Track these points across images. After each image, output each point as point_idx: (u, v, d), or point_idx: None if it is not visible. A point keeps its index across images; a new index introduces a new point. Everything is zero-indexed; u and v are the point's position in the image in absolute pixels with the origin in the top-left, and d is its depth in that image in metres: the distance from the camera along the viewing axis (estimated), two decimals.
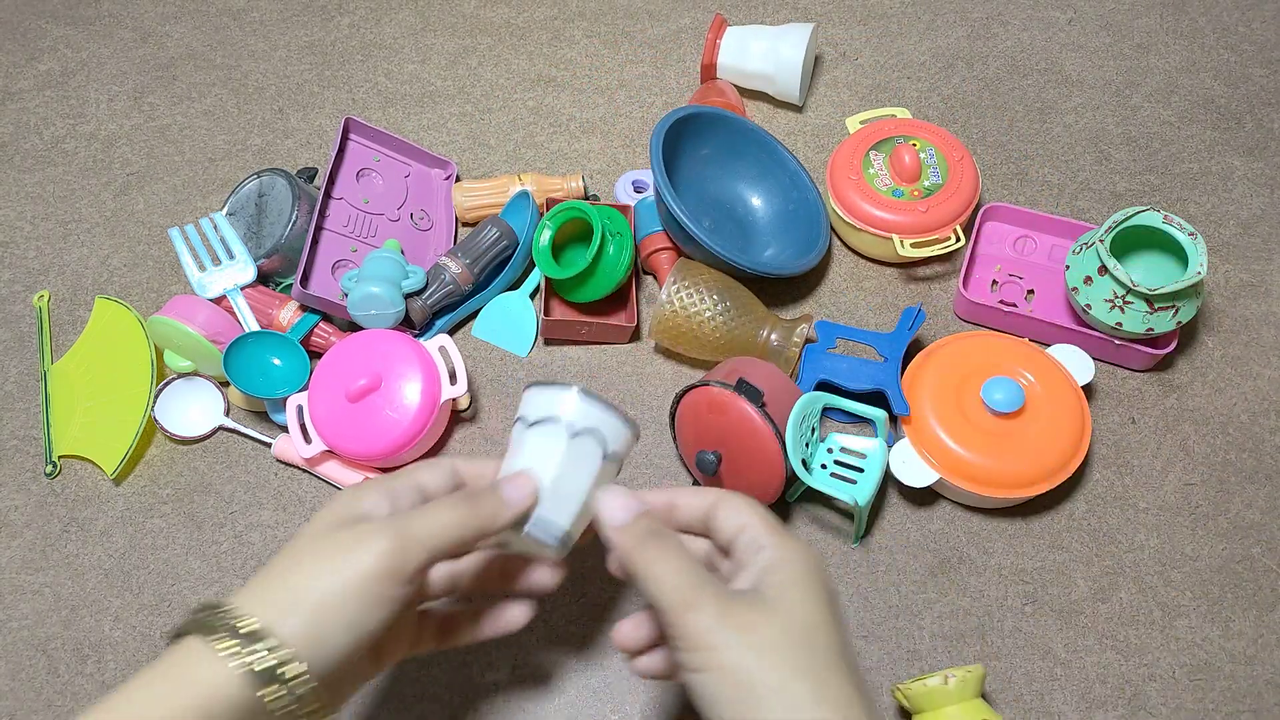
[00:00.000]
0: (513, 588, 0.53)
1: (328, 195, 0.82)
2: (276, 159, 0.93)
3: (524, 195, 0.84)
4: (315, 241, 0.79)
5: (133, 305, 0.84)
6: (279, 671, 0.40)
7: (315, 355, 0.78)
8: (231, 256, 0.78)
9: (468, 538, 0.45)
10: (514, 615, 0.53)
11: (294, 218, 0.79)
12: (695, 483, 0.73)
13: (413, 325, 0.79)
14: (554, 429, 0.47)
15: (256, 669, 0.40)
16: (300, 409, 0.73)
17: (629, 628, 0.48)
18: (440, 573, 0.51)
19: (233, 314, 0.77)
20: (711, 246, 0.74)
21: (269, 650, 0.40)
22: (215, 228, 0.78)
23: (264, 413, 0.78)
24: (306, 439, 0.72)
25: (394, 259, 0.77)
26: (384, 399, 0.71)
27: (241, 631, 0.40)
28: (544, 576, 0.52)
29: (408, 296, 0.77)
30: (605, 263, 0.76)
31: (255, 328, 0.76)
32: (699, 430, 0.68)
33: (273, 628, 0.40)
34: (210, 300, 0.76)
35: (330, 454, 0.74)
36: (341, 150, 0.84)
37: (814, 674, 0.39)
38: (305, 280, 0.77)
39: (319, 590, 0.41)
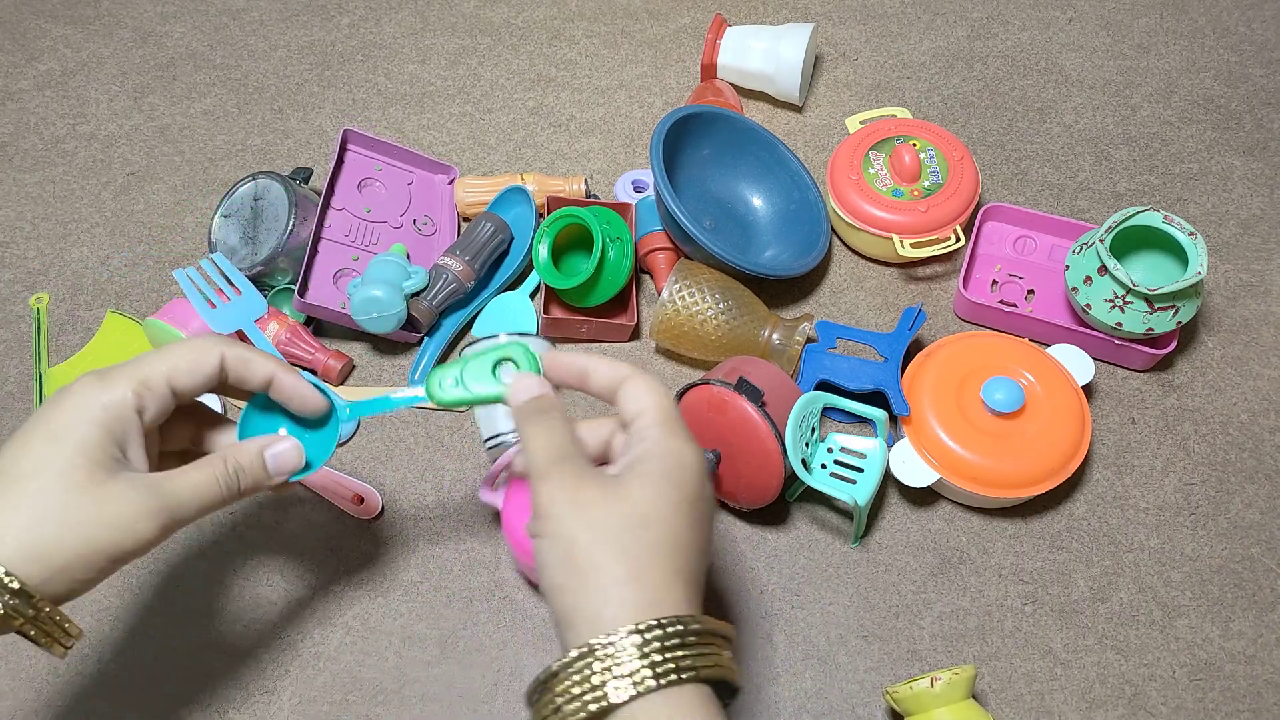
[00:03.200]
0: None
1: (327, 206, 0.81)
2: (276, 159, 0.93)
3: (515, 189, 0.84)
4: (315, 251, 0.79)
5: (133, 305, 0.84)
6: (26, 603, 0.42)
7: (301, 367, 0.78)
8: (239, 293, 0.76)
9: (226, 504, 0.49)
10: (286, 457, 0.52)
11: (290, 224, 0.79)
12: None
13: (419, 328, 0.78)
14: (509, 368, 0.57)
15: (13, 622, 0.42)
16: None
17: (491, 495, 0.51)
18: None
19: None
20: (711, 247, 0.74)
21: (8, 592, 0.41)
22: (215, 266, 0.77)
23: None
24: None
25: (396, 262, 0.77)
26: None
27: (27, 596, 0.42)
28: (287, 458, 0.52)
29: (412, 298, 0.77)
30: (607, 269, 0.76)
31: (278, 358, 0.75)
32: (699, 429, 0.68)
33: (14, 565, 0.42)
34: (228, 335, 0.75)
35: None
36: (340, 161, 0.83)
37: (634, 559, 0.42)
38: (304, 290, 0.77)
39: (67, 552, 0.43)
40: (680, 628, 0.40)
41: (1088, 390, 0.77)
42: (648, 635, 0.39)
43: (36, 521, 0.42)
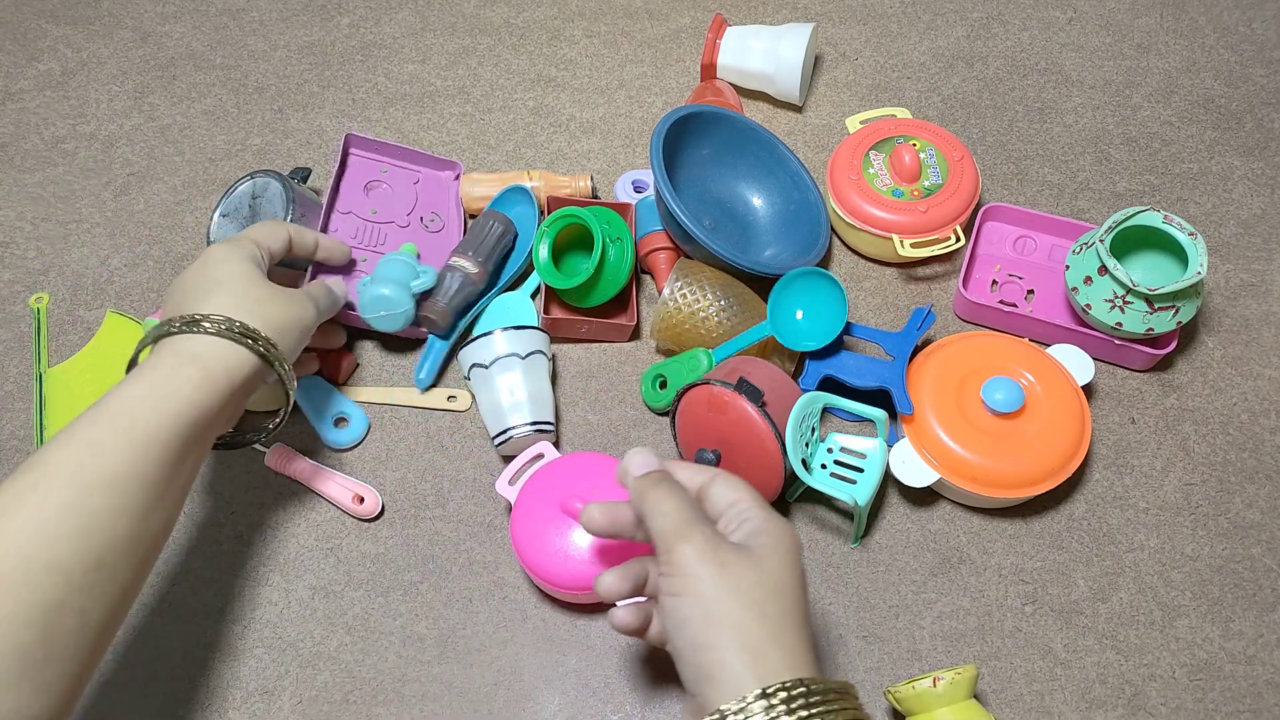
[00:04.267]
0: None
1: (331, 209, 0.81)
2: (276, 159, 0.93)
3: (517, 188, 0.84)
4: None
5: (133, 305, 0.84)
6: (272, 351, 0.61)
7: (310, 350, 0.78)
8: None
9: (332, 308, 0.73)
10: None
11: (288, 220, 0.79)
12: None
13: (437, 328, 0.78)
14: (509, 362, 0.73)
15: (261, 351, 0.61)
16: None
17: (613, 578, 0.52)
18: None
19: None
20: (712, 246, 0.74)
21: (265, 344, 0.61)
22: None
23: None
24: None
25: (405, 261, 0.77)
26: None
27: (250, 330, 0.60)
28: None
29: (423, 298, 0.77)
30: (607, 270, 0.76)
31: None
32: (699, 429, 0.68)
33: (255, 329, 0.61)
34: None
35: (321, 469, 0.74)
36: (344, 166, 0.83)
37: (775, 621, 0.45)
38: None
39: (279, 320, 0.63)
40: (821, 687, 0.43)
41: (1088, 390, 0.77)
42: (792, 694, 0.42)
43: (247, 302, 0.61)
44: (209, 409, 0.57)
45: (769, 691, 0.42)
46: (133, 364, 0.62)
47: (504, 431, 0.71)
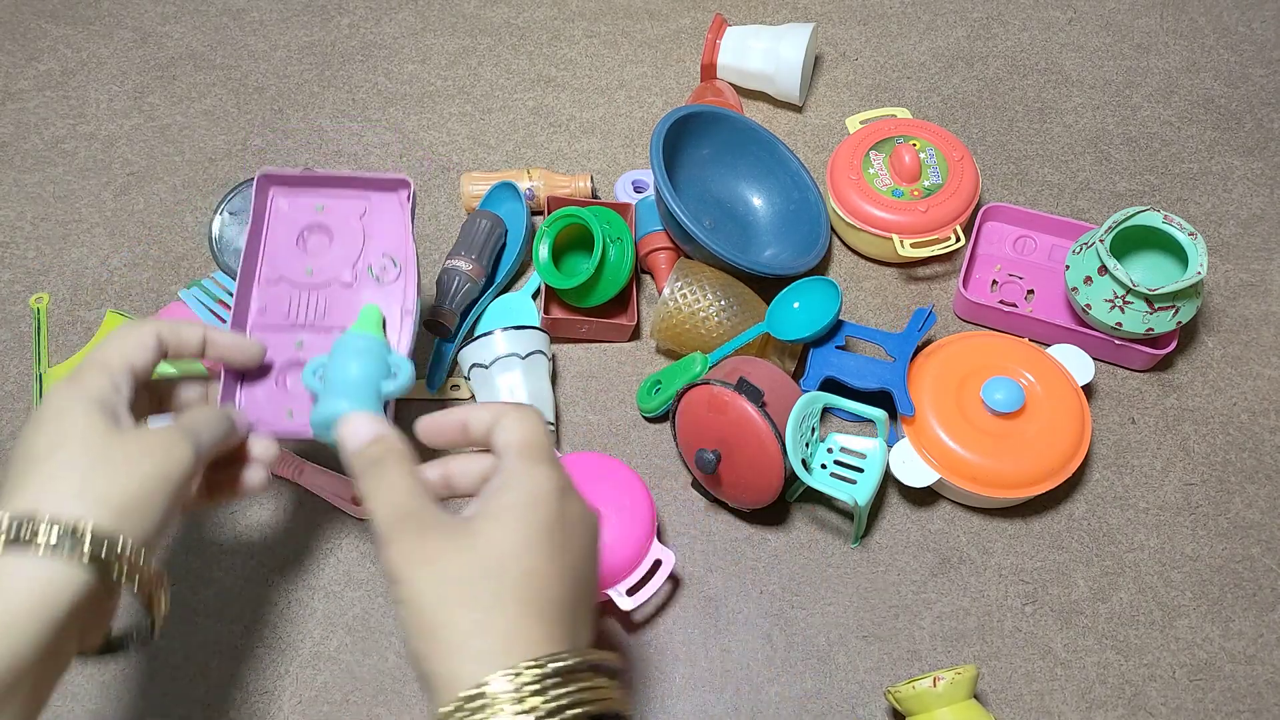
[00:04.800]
0: (235, 492, 0.57)
1: (251, 281, 0.62)
2: (276, 159, 0.93)
3: (505, 185, 0.85)
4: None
5: (133, 305, 0.84)
6: (114, 549, 0.43)
7: None
8: None
9: (226, 448, 0.53)
10: (251, 478, 0.56)
11: (155, 318, 0.79)
12: (695, 482, 0.73)
13: (445, 331, 0.78)
14: (509, 362, 0.65)
15: (93, 555, 0.42)
16: None
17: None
18: None
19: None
20: (712, 246, 0.74)
21: (98, 541, 0.42)
22: (218, 284, 0.78)
23: None
24: None
25: (370, 348, 0.56)
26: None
27: (77, 532, 0.42)
28: (254, 477, 0.56)
29: (435, 309, 0.76)
30: (607, 270, 0.76)
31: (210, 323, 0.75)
32: (699, 429, 0.68)
33: (101, 525, 0.43)
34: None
35: (312, 465, 0.73)
36: (261, 219, 0.64)
37: (485, 605, 0.39)
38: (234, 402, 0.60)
39: (130, 491, 0.45)
40: (539, 670, 0.37)
41: (1088, 390, 0.77)
42: (516, 682, 0.36)
43: (83, 477, 0.44)
44: (24, 665, 0.40)
45: (472, 688, 0.36)
46: None
47: None
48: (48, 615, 0.41)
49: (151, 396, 0.56)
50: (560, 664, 0.38)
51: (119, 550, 0.43)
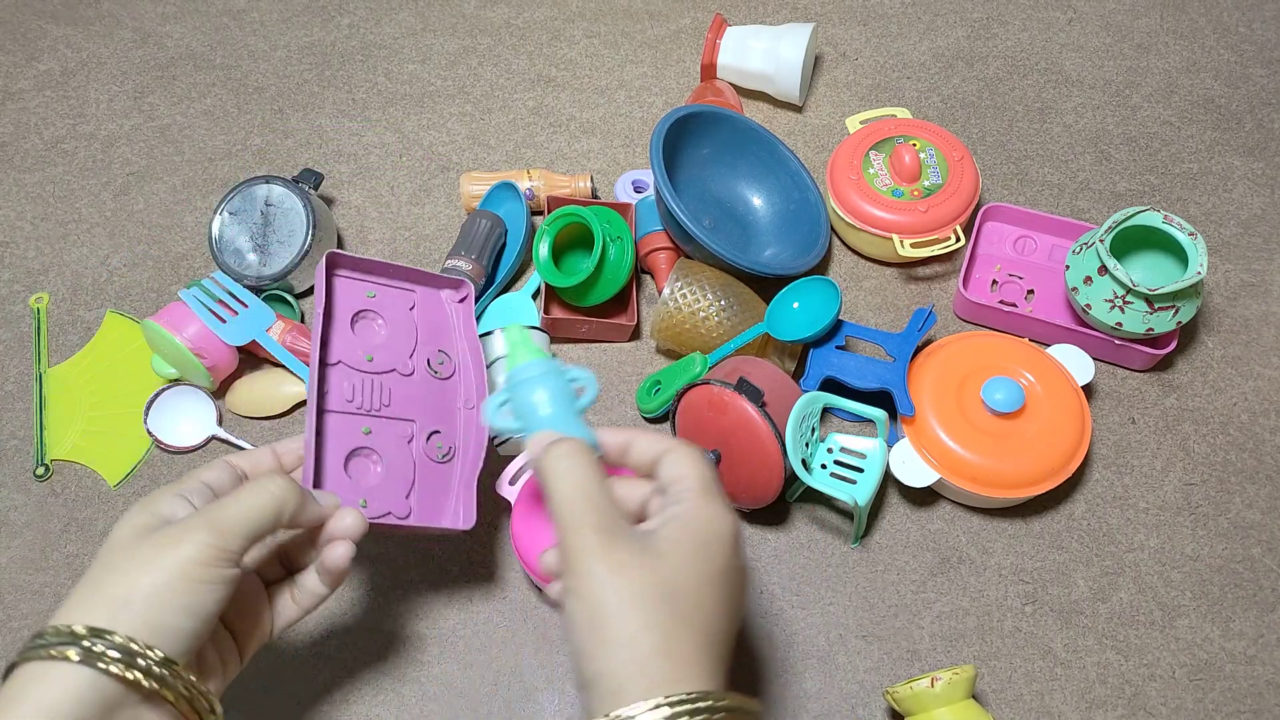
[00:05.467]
0: (311, 558, 0.54)
1: (323, 363, 0.61)
2: (276, 159, 0.93)
3: (504, 185, 0.85)
4: (320, 434, 0.59)
5: (133, 305, 0.84)
6: (129, 650, 0.41)
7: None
8: (246, 305, 0.77)
9: (275, 514, 0.47)
10: (338, 553, 0.52)
11: (307, 243, 0.79)
12: None
13: None
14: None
15: (102, 655, 0.40)
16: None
17: (552, 556, 0.47)
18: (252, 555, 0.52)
19: (261, 353, 0.78)
20: (711, 246, 0.74)
21: (109, 642, 0.40)
22: (218, 283, 0.78)
23: (256, 419, 0.78)
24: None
25: (549, 370, 0.51)
26: None
27: (77, 634, 0.40)
28: (335, 554, 0.52)
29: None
30: (607, 269, 0.76)
31: (296, 368, 0.76)
32: (699, 429, 0.68)
33: (109, 627, 0.41)
34: (241, 346, 0.76)
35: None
36: (331, 295, 0.63)
37: (665, 630, 0.40)
38: (318, 483, 0.59)
39: (146, 585, 0.42)
40: (708, 703, 0.39)
41: (1088, 390, 0.77)
42: (675, 711, 0.38)
43: (103, 585, 0.43)
44: None
45: (654, 707, 0.38)
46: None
47: (506, 435, 0.71)
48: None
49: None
50: (720, 703, 0.39)
51: (142, 655, 0.41)
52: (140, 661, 0.41)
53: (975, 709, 0.59)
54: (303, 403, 0.77)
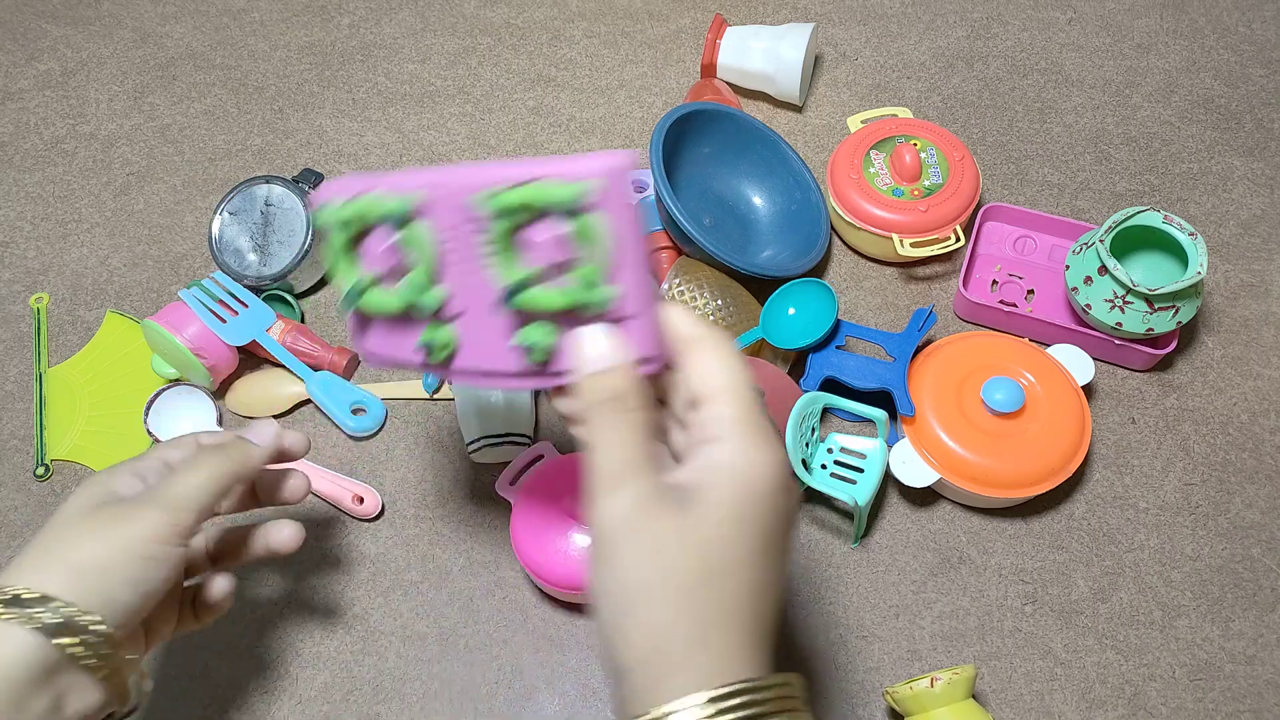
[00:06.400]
0: (256, 552, 0.55)
1: None
2: (276, 159, 0.93)
3: None
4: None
5: (133, 305, 0.84)
6: (74, 621, 0.41)
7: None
8: (246, 305, 0.78)
9: (227, 485, 0.48)
10: (285, 535, 0.54)
11: (307, 243, 0.80)
12: None
13: None
14: None
15: (47, 622, 0.40)
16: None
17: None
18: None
19: (261, 353, 0.78)
20: (708, 246, 0.74)
21: (55, 609, 0.41)
22: (218, 284, 0.79)
23: (256, 419, 0.78)
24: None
25: None
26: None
27: (23, 599, 0.41)
28: (284, 535, 0.54)
29: None
30: None
31: (296, 368, 0.76)
32: None
33: (57, 594, 0.41)
34: (241, 345, 0.76)
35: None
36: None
37: (707, 618, 0.35)
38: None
39: (98, 557, 0.43)
40: (755, 696, 0.35)
41: (1088, 390, 0.77)
42: (722, 705, 0.34)
43: (46, 549, 0.44)
44: None
45: (702, 703, 0.34)
46: None
47: (477, 440, 0.71)
48: None
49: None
50: (766, 694, 0.35)
51: (71, 620, 0.41)
52: (83, 633, 0.41)
53: (975, 709, 0.59)
54: (304, 402, 0.78)
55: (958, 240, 0.80)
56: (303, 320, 0.83)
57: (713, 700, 0.34)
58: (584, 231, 0.39)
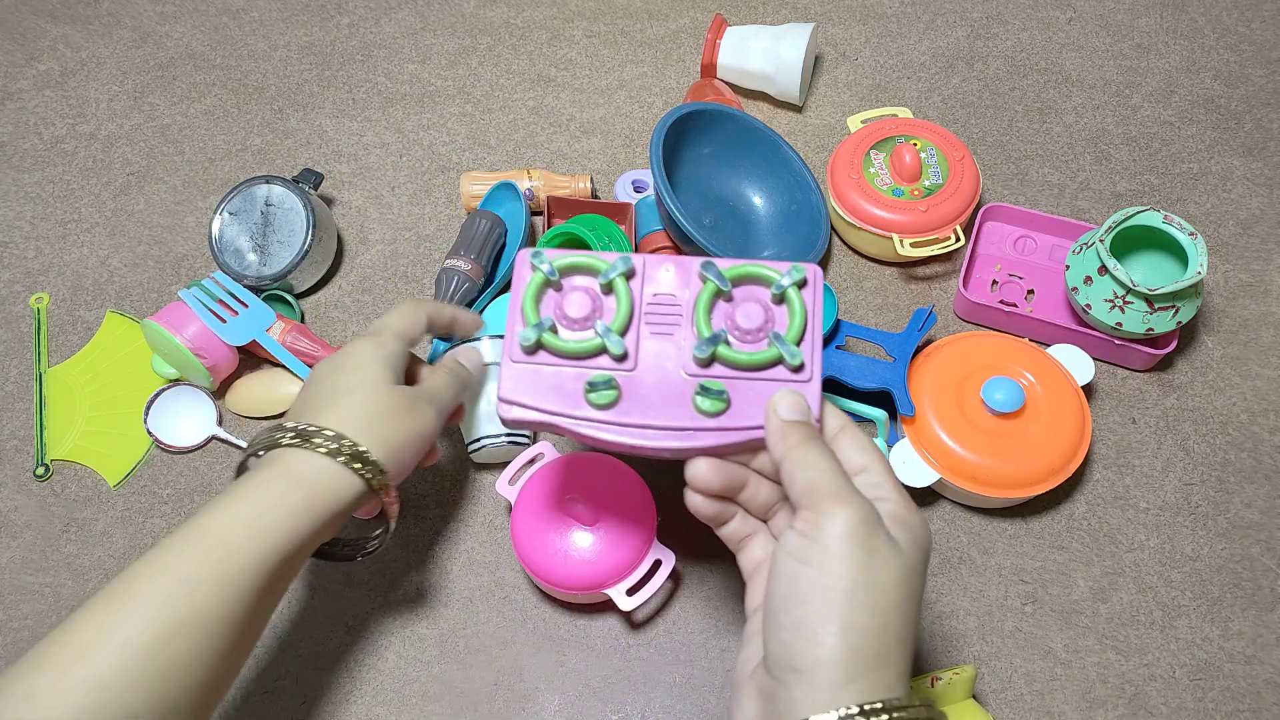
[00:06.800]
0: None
1: None
2: (276, 159, 0.93)
3: (504, 185, 0.85)
4: None
5: (133, 305, 0.84)
6: (383, 481, 0.55)
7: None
8: (246, 305, 0.78)
9: (460, 392, 0.64)
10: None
11: (307, 243, 0.79)
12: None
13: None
14: (491, 370, 0.70)
15: (370, 479, 0.54)
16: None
17: (708, 467, 0.48)
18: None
19: (261, 353, 0.78)
20: (710, 247, 0.74)
21: (375, 469, 0.54)
22: (218, 283, 0.78)
23: (256, 419, 0.78)
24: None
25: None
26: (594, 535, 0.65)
27: (362, 454, 0.54)
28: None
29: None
30: None
31: (296, 368, 0.76)
32: None
33: (377, 458, 0.55)
34: (241, 345, 0.76)
35: None
36: None
37: (893, 635, 0.40)
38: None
39: (398, 439, 0.56)
40: (911, 712, 0.39)
41: (1088, 390, 0.77)
42: (894, 717, 0.38)
43: (370, 417, 0.55)
44: (307, 537, 0.52)
45: (865, 709, 0.38)
46: (242, 469, 0.59)
47: (478, 439, 0.71)
48: (331, 508, 0.53)
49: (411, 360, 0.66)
50: (924, 711, 0.39)
51: (383, 475, 0.55)
52: (385, 484, 0.55)
53: (975, 709, 0.59)
54: None
55: (958, 240, 0.80)
56: (303, 320, 0.83)
57: (881, 713, 0.38)
58: (791, 303, 0.51)
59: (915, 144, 0.83)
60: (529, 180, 0.86)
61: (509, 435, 0.71)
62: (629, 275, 0.52)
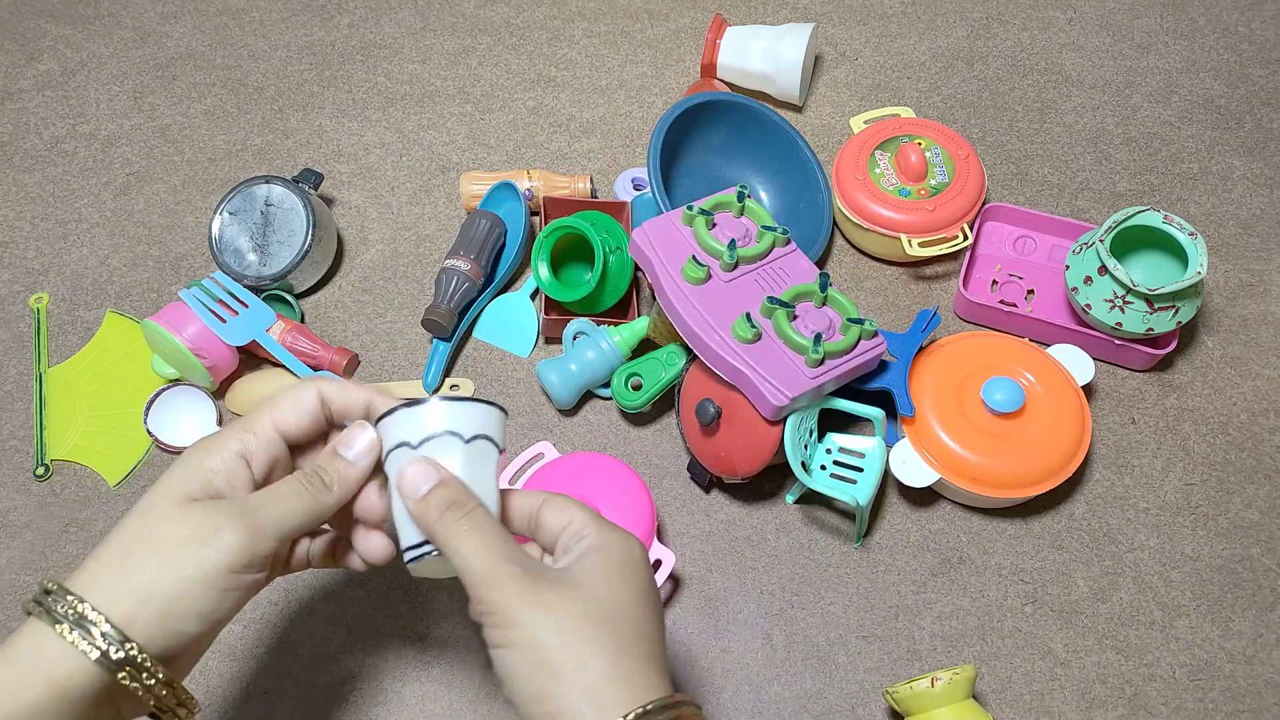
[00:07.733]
0: (347, 562, 0.52)
1: None
2: (276, 159, 0.93)
3: (504, 185, 0.85)
4: None
5: (133, 305, 0.84)
6: (134, 659, 0.40)
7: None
8: (246, 305, 0.78)
9: (317, 519, 0.46)
10: (373, 545, 0.50)
11: (307, 243, 0.80)
12: (691, 464, 0.73)
13: (442, 330, 0.78)
14: (446, 442, 0.45)
15: (112, 658, 0.40)
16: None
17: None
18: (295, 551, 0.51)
19: (261, 353, 0.78)
20: None
21: (121, 644, 0.40)
22: (219, 284, 0.78)
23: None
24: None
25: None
26: None
27: (91, 625, 0.40)
28: (374, 547, 0.50)
29: (432, 307, 0.77)
30: (609, 279, 0.76)
31: (296, 368, 0.76)
32: (703, 388, 0.68)
33: (123, 623, 0.40)
34: (241, 346, 0.76)
35: None
36: None
37: (611, 653, 0.40)
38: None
39: (168, 584, 0.41)
40: (668, 713, 0.40)
41: (1088, 390, 0.77)
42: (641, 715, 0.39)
43: (125, 555, 0.42)
44: None
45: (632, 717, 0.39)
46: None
47: (417, 546, 0.46)
48: (50, 693, 0.39)
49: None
50: (678, 705, 0.40)
51: (131, 652, 0.40)
52: (144, 675, 0.41)
53: (975, 709, 0.59)
54: None
55: (965, 239, 0.80)
56: (303, 320, 0.83)
57: (638, 716, 0.39)
58: (833, 298, 0.69)
59: (920, 143, 0.82)
60: (529, 180, 0.86)
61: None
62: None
